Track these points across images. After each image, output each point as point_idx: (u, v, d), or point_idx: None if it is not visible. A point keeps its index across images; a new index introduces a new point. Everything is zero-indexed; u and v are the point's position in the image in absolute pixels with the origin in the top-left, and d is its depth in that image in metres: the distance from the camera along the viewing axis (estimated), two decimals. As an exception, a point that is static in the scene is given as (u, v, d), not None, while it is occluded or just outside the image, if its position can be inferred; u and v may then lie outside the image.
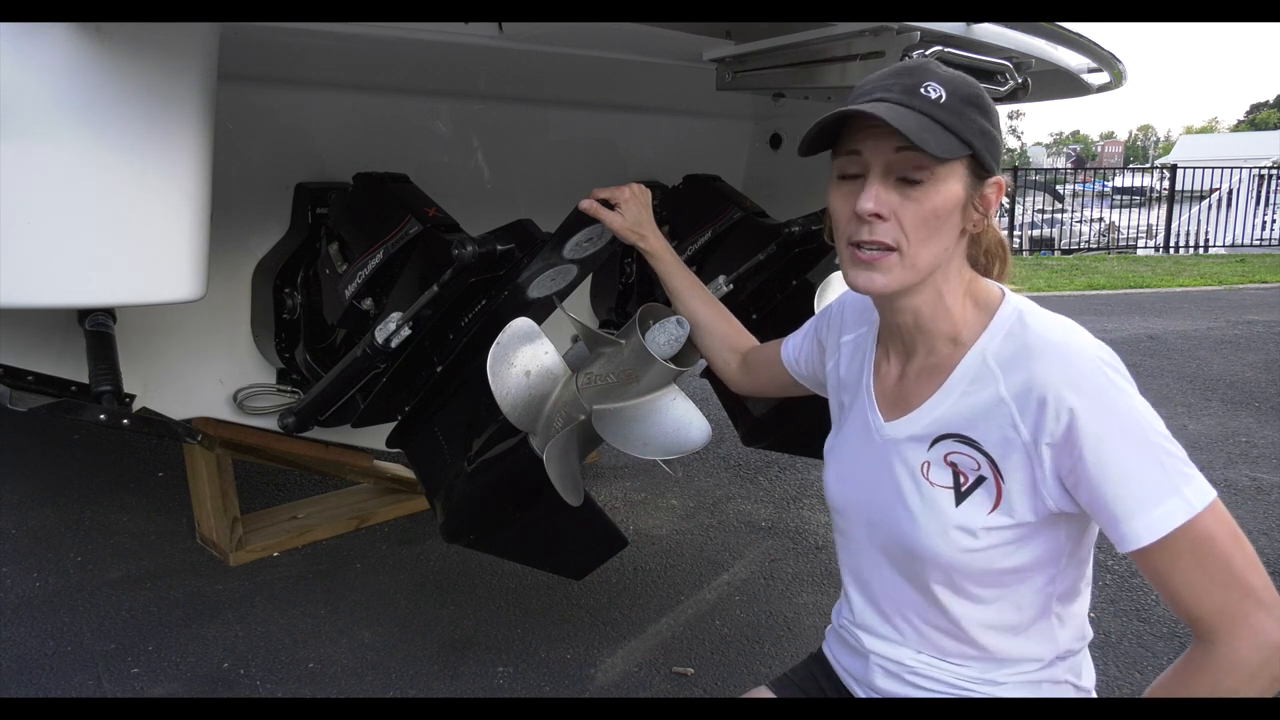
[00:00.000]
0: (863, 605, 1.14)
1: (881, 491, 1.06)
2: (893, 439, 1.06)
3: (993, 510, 0.97)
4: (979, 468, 0.97)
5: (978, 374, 0.99)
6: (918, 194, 0.94)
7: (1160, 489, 0.88)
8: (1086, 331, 0.96)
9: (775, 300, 2.47)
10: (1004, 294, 1.03)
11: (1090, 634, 1.10)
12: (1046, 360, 0.93)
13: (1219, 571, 0.88)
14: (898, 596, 1.08)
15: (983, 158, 0.95)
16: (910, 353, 1.06)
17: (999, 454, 0.96)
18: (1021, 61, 1.79)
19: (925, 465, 1.01)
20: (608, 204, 1.48)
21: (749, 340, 1.46)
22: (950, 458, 1.00)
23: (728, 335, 1.46)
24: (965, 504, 0.98)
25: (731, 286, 2.34)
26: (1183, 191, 12.58)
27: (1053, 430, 0.91)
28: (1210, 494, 0.89)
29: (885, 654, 1.11)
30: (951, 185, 0.95)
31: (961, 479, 0.98)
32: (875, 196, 0.95)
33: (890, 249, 0.96)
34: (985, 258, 1.08)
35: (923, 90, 0.94)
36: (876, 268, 0.97)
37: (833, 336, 1.24)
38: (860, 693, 1.16)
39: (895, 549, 1.05)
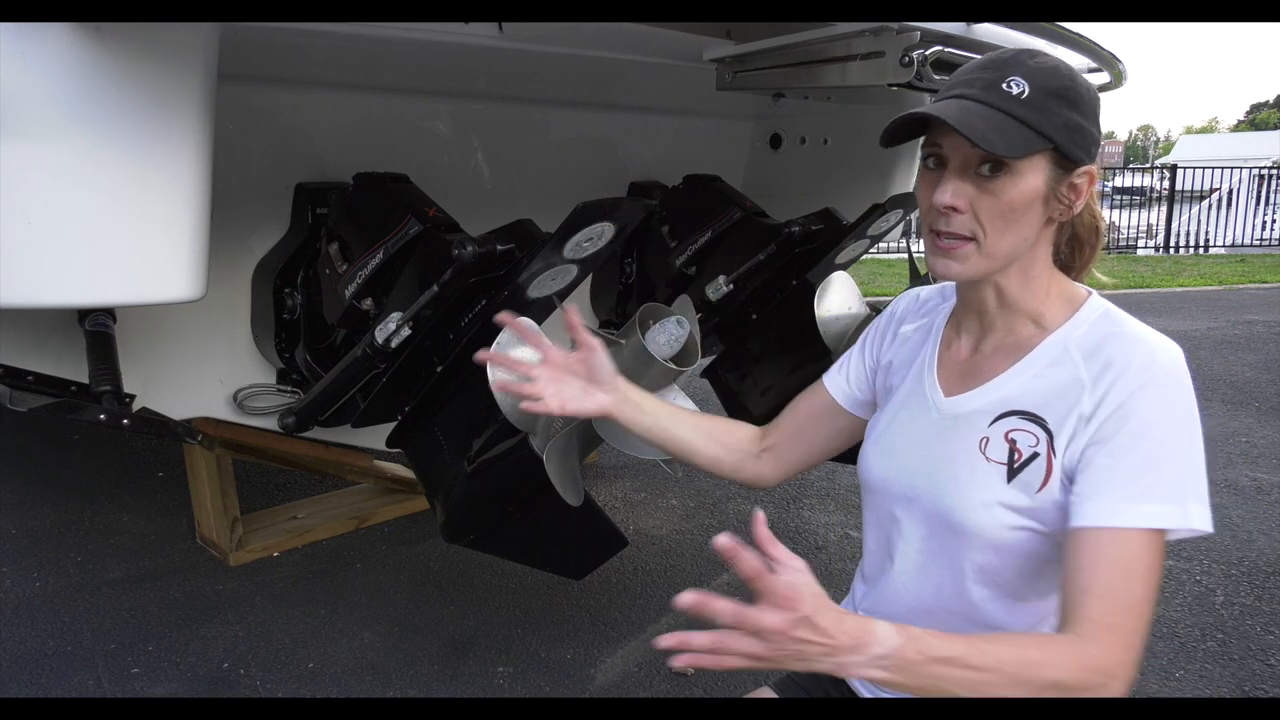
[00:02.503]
0: (876, 596, 1.13)
1: (930, 463, 1.06)
2: (953, 413, 1.06)
3: (1041, 488, 0.97)
4: (1036, 444, 0.97)
5: (1057, 358, 1.00)
6: (994, 187, 0.95)
7: (1155, 491, 0.90)
8: (1169, 340, 0.98)
9: (775, 300, 2.48)
10: (1090, 293, 1.05)
11: None
12: (1128, 344, 0.96)
13: (1124, 589, 0.88)
14: (920, 580, 1.08)
15: (1067, 150, 0.95)
16: (988, 330, 1.07)
17: (1058, 429, 0.97)
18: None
19: (984, 440, 1.01)
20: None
21: (756, 428, 1.33)
22: (1010, 434, 1.00)
23: (741, 437, 1.32)
24: (1016, 480, 0.98)
25: (731, 286, 2.35)
26: (1183, 191, 12.57)
27: (1113, 400, 0.93)
28: (1184, 523, 0.90)
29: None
30: (1030, 179, 0.96)
31: (1015, 455, 0.99)
32: (952, 190, 0.97)
33: (967, 239, 0.98)
34: (1070, 245, 1.08)
35: (1004, 86, 0.94)
36: (954, 256, 0.99)
37: (890, 334, 1.22)
38: (865, 693, 1.16)
39: (935, 520, 1.05)
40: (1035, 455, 0.97)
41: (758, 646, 0.80)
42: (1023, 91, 0.94)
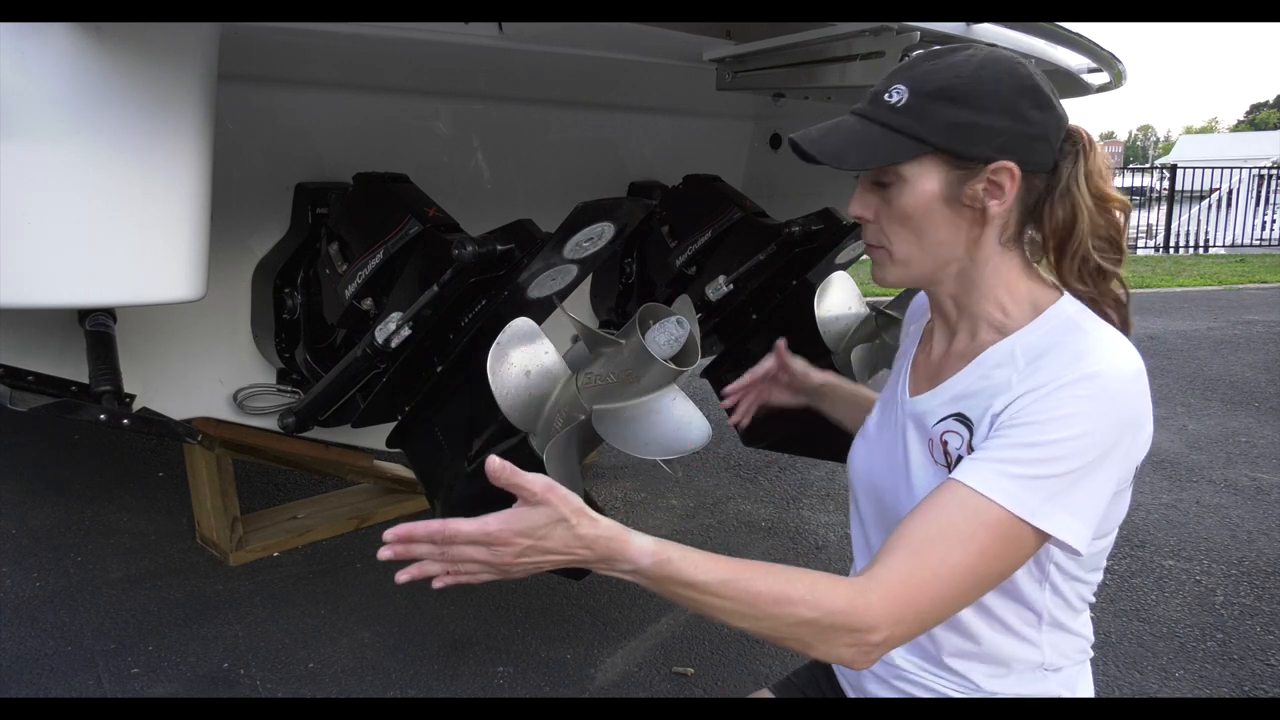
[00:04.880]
0: None
1: (888, 463, 1.07)
2: (911, 412, 1.06)
3: None
4: (961, 445, 0.97)
5: (1001, 361, 0.97)
6: (889, 196, 0.97)
7: (1048, 485, 0.86)
8: (1135, 358, 0.91)
9: (775, 300, 2.48)
10: (1061, 298, 0.98)
11: (1090, 654, 1.08)
12: (1068, 346, 0.91)
13: (949, 558, 0.85)
14: None
15: (956, 149, 0.92)
16: (954, 333, 1.06)
17: (976, 426, 0.95)
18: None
19: (929, 442, 1.01)
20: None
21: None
22: (944, 435, 0.99)
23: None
24: None
25: (732, 286, 2.35)
26: (1183, 191, 12.56)
27: (1026, 387, 0.89)
28: (1070, 540, 0.87)
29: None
30: (920, 184, 0.94)
31: (948, 458, 0.98)
32: (859, 201, 1.00)
33: (879, 248, 1.01)
34: (1031, 245, 1.01)
35: (885, 96, 0.95)
36: (877, 263, 1.03)
37: (906, 329, 1.25)
38: (852, 695, 1.16)
39: (891, 518, 1.03)
40: (960, 457, 0.95)
41: (489, 555, 0.84)
42: (900, 100, 0.93)
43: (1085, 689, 1.08)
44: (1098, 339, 0.92)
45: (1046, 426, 0.87)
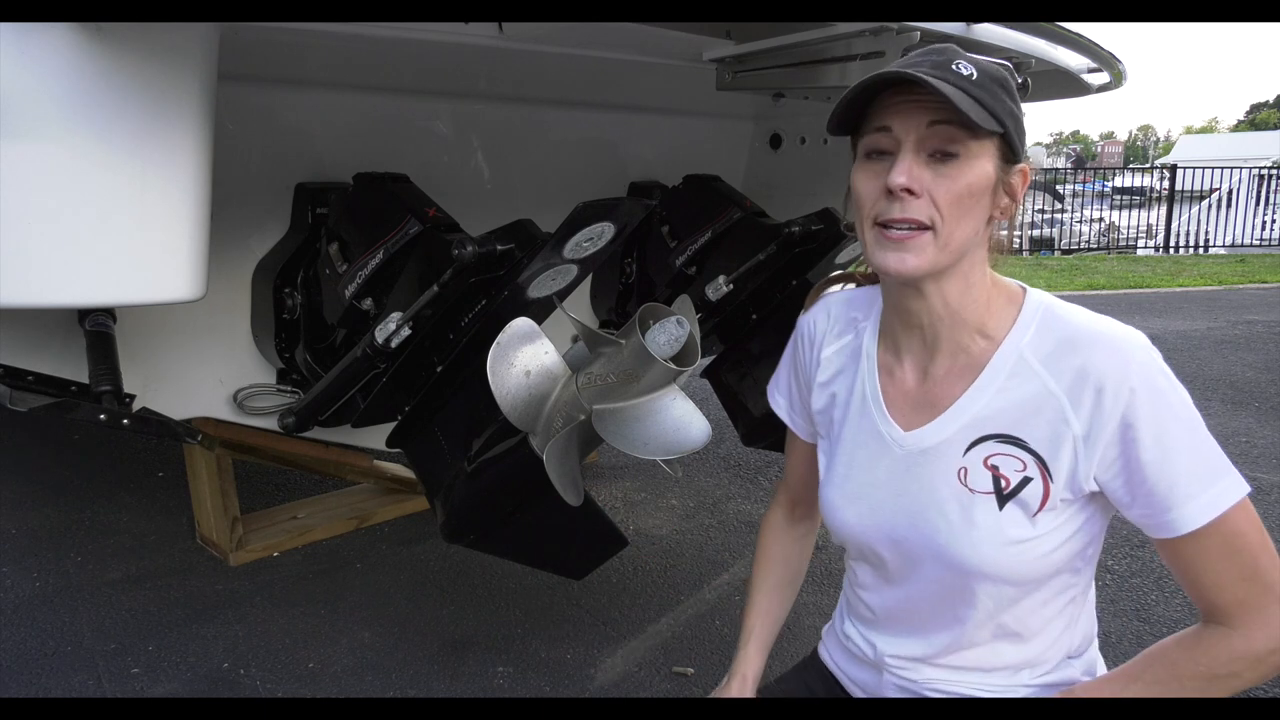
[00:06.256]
0: (881, 619, 1.11)
1: (910, 506, 1.01)
2: (918, 448, 1.01)
3: (1039, 511, 0.94)
4: (1024, 468, 0.94)
5: (1014, 369, 0.95)
6: (952, 170, 0.89)
7: (1207, 477, 0.89)
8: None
9: (775, 300, 2.47)
10: (1024, 289, 1.00)
11: (1096, 630, 1.10)
12: (1098, 349, 0.91)
13: (1246, 564, 0.89)
14: (926, 611, 1.04)
15: (1012, 139, 0.92)
16: (934, 351, 1.01)
17: (1048, 452, 0.93)
18: (1021, 61, 1.80)
19: (963, 471, 0.97)
20: None
21: (781, 511, 1.35)
22: (991, 460, 0.96)
23: (788, 544, 1.34)
24: (1010, 507, 0.95)
25: (731, 286, 2.35)
26: (1183, 191, 12.57)
27: (1110, 419, 0.90)
28: (1245, 487, 0.90)
29: (904, 672, 1.08)
30: (984, 163, 0.91)
31: (1003, 483, 0.95)
32: (908, 170, 0.89)
33: (924, 227, 0.90)
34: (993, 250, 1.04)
35: (954, 66, 0.90)
36: (908, 248, 0.91)
37: (811, 354, 1.16)
38: (859, 692, 1.16)
39: (930, 561, 1.00)
40: (1027, 480, 0.94)
41: None
42: (972, 74, 0.90)
43: (1102, 667, 1.10)
44: (1099, 327, 0.94)
45: (1169, 431, 0.89)
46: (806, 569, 1.36)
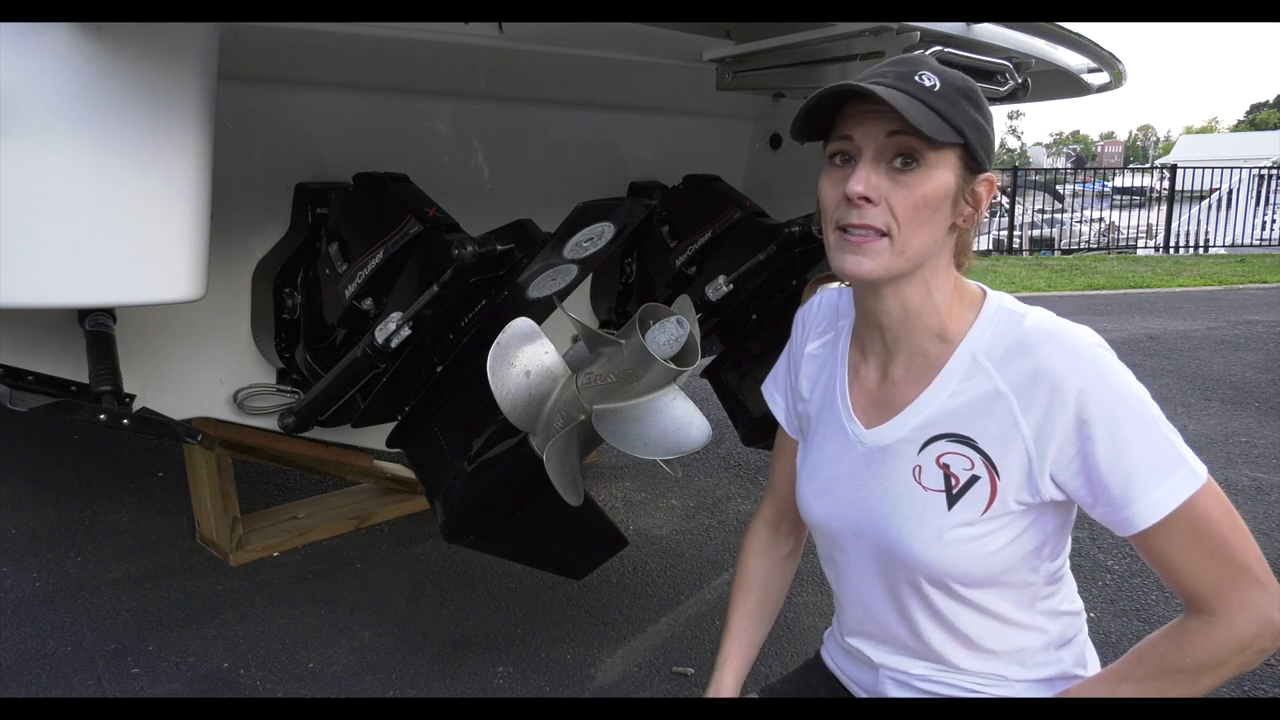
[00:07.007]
0: (861, 618, 1.12)
1: (868, 501, 1.04)
2: (877, 445, 1.04)
3: (986, 510, 0.96)
4: (972, 467, 0.96)
5: (969, 371, 0.98)
6: (910, 179, 0.92)
7: (1163, 469, 0.89)
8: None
9: (775, 300, 2.48)
10: (985, 291, 1.02)
11: (1082, 612, 1.10)
12: (1047, 348, 0.93)
13: (1217, 549, 0.90)
14: (893, 606, 1.06)
15: (974, 149, 0.94)
16: (894, 353, 1.04)
17: (997, 452, 0.95)
18: (1021, 61, 1.79)
19: (917, 469, 1.00)
20: None
21: (766, 523, 1.35)
22: (943, 459, 0.98)
23: (770, 561, 1.35)
24: (958, 506, 0.97)
25: (731, 286, 2.35)
26: (1183, 191, 12.57)
27: (1061, 418, 0.90)
28: (1204, 472, 0.91)
29: (892, 665, 1.10)
30: (943, 173, 0.93)
31: (953, 481, 0.97)
32: (865, 179, 0.92)
33: (880, 234, 0.94)
34: (960, 255, 1.06)
35: (917, 78, 0.93)
36: (864, 251, 0.95)
37: (799, 361, 1.19)
38: (860, 692, 1.16)
39: (885, 557, 1.04)
40: (975, 478, 0.96)
41: None
42: (935, 85, 0.93)
43: (1093, 662, 1.10)
44: (1047, 326, 0.95)
45: (1122, 424, 0.90)
46: (787, 592, 1.37)
